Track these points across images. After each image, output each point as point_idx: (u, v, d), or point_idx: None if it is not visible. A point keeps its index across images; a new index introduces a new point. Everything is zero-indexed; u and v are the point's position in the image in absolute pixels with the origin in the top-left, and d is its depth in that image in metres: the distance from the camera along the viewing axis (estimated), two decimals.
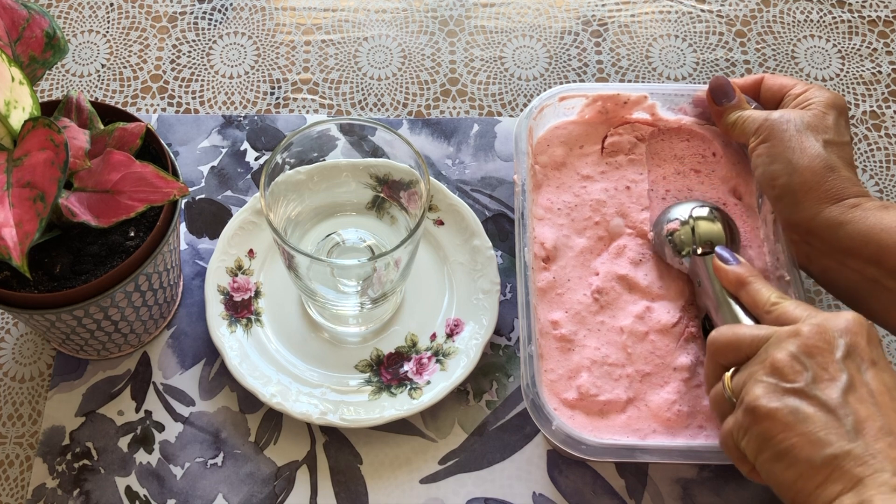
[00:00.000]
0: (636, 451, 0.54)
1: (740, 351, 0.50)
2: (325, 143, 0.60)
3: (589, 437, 0.54)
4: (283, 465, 0.60)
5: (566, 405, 0.58)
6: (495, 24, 0.80)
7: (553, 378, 0.58)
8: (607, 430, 0.57)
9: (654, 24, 0.80)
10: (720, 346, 0.51)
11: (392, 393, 0.61)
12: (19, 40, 0.53)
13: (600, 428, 0.57)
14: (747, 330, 0.50)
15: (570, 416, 0.57)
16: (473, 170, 0.71)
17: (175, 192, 0.52)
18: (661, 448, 0.55)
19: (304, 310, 0.64)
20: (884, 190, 0.72)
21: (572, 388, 0.58)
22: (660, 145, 0.68)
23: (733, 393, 0.49)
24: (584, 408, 0.58)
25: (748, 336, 0.50)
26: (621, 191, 0.66)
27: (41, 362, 0.63)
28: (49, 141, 0.47)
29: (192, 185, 0.70)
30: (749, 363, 0.49)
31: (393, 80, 0.76)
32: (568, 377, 0.59)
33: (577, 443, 0.54)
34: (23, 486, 0.59)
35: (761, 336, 0.49)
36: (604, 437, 0.56)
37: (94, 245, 0.54)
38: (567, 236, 0.64)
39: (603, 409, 0.58)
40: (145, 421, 0.61)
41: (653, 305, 0.61)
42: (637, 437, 0.57)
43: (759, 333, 0.49)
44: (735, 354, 0.50)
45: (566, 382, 0.58)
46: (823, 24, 0.80)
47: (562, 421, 0.54)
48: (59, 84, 0.76)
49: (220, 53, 0.77)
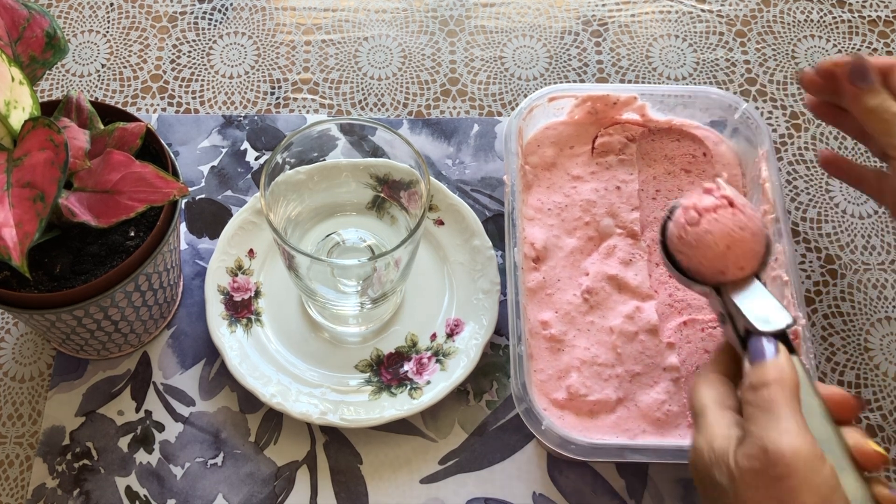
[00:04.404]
0: (626, 451, 0.54)
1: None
2: (325, 143, 0.60)
3: (579, 438, 0.54)
4: (284, 465, 0.60)
5: (556, 405, 0.58)
6: (495, 23, 0.80)
7: (543, 378, 0.59)
8: (597, 431, 0.57)
9: (655, 24, 0.80)
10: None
11: (392, 393, 0.61)
12: (19, 40, 0.53)
13: (590, 428, 0.57)
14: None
15: (560, 416, 0.57)
16: (473, 170, 0.71)
17: (175, 192, 0.52)
18: (652, 448, 0.54)
19: (304, 310, 0.64)
20: None
21: (562, 388, 0.58)
22: (650, 146, 0.68)
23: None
24: (574, 408, 0.58)
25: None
26: (611, 191, 0.66)
27: (41, 362, 0.63)
28: (49, 141, 0.47)
29: (193, 185, 0.70)
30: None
31: (393, 80, 0.76)
32: (558, 377, 0.59)
33: (567, 443, 0.54)
34: (23, 486, 0.59)
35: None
36: (594, 438, 0.56)
37: (94, 245, 0.54)
38: (557, 236, 0.64)
39: (593, 410, 0.58)
40: (145, 421, 0.61)
41: (643, 305, 0.61)
42: (627, 437, 0.57)
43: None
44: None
45: (556, 383, 0.58)
46: (824, 24, 0.80)
47: (551, 421, 0.54)
48: (59, 84, 0.76)
49: (221, 53, 0.77)
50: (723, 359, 0.51)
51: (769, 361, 0.45)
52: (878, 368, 0.65)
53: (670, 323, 0.61)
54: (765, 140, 0.65)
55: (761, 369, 0.45)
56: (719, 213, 0.50)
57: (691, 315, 0.61)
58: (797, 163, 0.73)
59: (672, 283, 0.63)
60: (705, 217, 0.50)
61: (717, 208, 0.50)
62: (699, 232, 0.50)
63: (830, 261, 0.69)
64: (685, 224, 0.51)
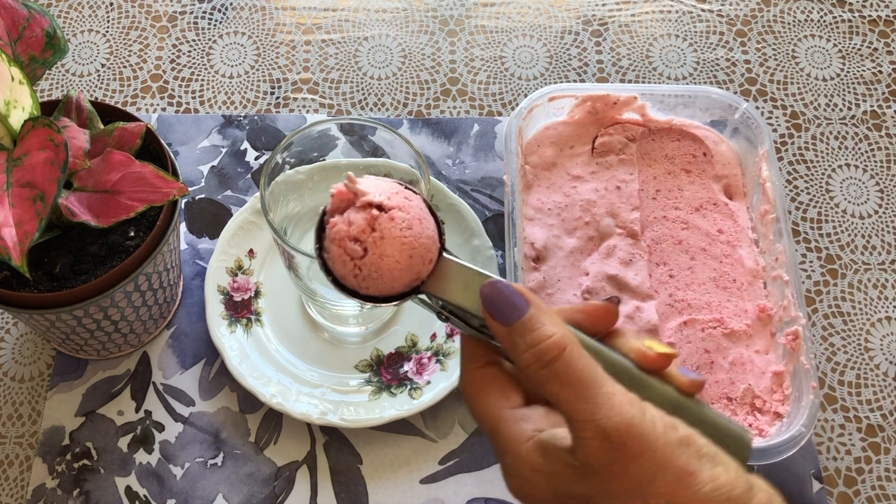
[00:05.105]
0: None
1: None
2: (325, 143, 0.60)
3: None
4: (283, 466, 0.60)
5: None
6: (495, 23, 0.80)
7: None
8: None
9: (655, 24, 0.80)
10: None
11: (392, 393, 0.61)
12: (19, 40, 0.53)
13: None
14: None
15: None
16: (474, 170, 0.71)
17: (175, 191, 0.52)
18: None
19: (304, 310, 0.64)
20: (884, 190, 0.72)
21: None
22: (650, 145, 0.68)
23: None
24: None
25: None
26: (612, 191, 0.66)
27: (41, 362, 0.63)
28: (49, 141, 0.47)
29: (192, 185, 0.70)
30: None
31: (393, 79, 0.76)
32: None
33: None
34: (22, 486, 0.59)
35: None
36: None
37: (93, 245, 0.54)
38: (557, 236, 0.64)
39: None
40: (145, 421, 0.61)
41: (643, 305, 0.61)
42: None
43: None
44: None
45: None
46: (824, 23, 0.80)
47: None
48: (59, 84, 0.75)
49: (220, 53, 0.77)
50: (471, 352, 0.41)
51: (528, 326, 0.37)
52: (879, 368, 0.65)
53: (670, 323, 0.61)
54: (765, 140, 0.64)
55: (528, 336, 0.37)
56: (379, 227, 0.40)
57: (691, 315, 0.61)
58: (797, 163, 0.73)
59: (672, 283, 0.63)
60: (367, 241, 0.40)
61: (372, 224, 0.40)
62: (373, 262, 0.40)
63: (831, 261, 0.69)
64: (352, 261, 0.40)
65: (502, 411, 0.39)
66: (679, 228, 0.65)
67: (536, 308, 0.38)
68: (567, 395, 0.36)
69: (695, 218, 0.65)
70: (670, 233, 0.65)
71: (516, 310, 0.38)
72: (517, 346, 0.37)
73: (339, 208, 0.41)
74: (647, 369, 0.39)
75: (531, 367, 0.37)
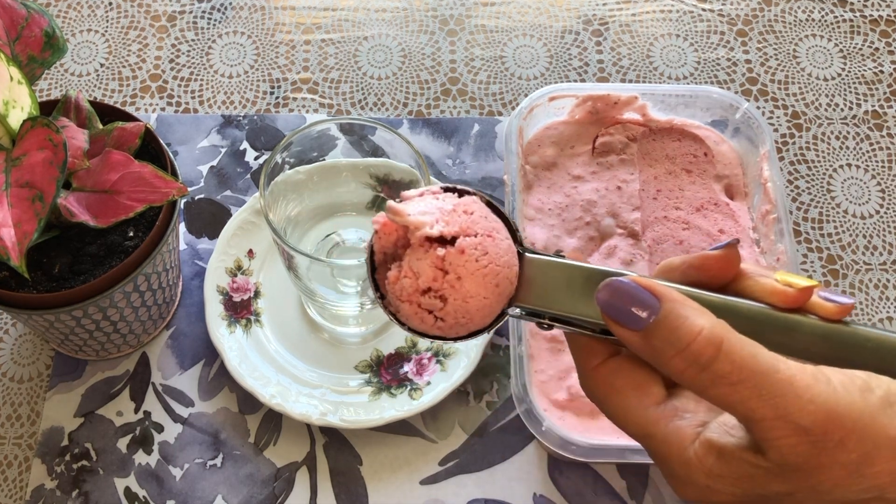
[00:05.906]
0: (627, 452, 0.54)
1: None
2: (324, 143, 0.60)
3: (579, 438, 0.54)
4: (283, 466, 0.60)
5: (556, 406, 0.58)
6: (496, 23, 0.79)
7: (543, 379, 0.58)
8: (598, 431, 0.57)
9: (655, 24, 0.80)
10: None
11: (392, 394, 0.60)
12: (18, 39, 0.52)
13: (591, 429, 0.57)
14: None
15: (561, 417, 0.57)
16: (474, 170, 0.71)
17: (174, 191, 0.52)
18: None
19: (303, 310, 0.64)
20: (885, 190, 0.72)
21: (563, 388, 0.58)
22: (651, 145, 0.68)
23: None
24: (575, 409, 0.57)
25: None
26: (612, 191, 0.65)
27: (40, 363, 0.63)
28: (48, 141, 0.47)
29: (192, 185, 0.70)
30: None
31: (393, 79, 0.76)
32: (558, 378, 0.58)
33: (568, 444, 0.53)
34: (21, 486, 0.59)
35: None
36: (595, 438, 0.56)
37: (92, 245, 0.54)
38: (558, 237, 0.64)
39: (594, 410, 0.57)
40: (144, 422, 0.61)
41: None
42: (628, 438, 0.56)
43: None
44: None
45: (556, 383, 0.58)
46: (825, 23, 0.80)
47: (552, 422, 0.54)
48: (58, 83, 0.75)
49: (220, 53, 0.77)
50: (587, 349, 0.36)
51: (667, 325, 0.32)
52: None
53: None
54: (766, 140, 0.64)
55: (672, 338, 0.32)
56: (451, 268, 0.33)
57: None
58: (798, 163, 0.73)
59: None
60: (444, 289, 0.33)
61: (441, 266, 0.33)
62: (456, 308, 0.34)
63: (832, 261, 0.69)
64: (431, 314, 0.34)
65: (647, 411, 0.34)
66: (680, 229, 0.65)
67: (671, 300, 0.32)
68: (739, 395, 0.30)
69: (696, 218, 0.65)
70: (671, 233, 0.65)
71: (647, 309, 0.32)
72: (662, 353, 0.32)
73: (387, 246, 0.35)
74: (789, 309, 0.34)
75: (685, 373, 0.31)
